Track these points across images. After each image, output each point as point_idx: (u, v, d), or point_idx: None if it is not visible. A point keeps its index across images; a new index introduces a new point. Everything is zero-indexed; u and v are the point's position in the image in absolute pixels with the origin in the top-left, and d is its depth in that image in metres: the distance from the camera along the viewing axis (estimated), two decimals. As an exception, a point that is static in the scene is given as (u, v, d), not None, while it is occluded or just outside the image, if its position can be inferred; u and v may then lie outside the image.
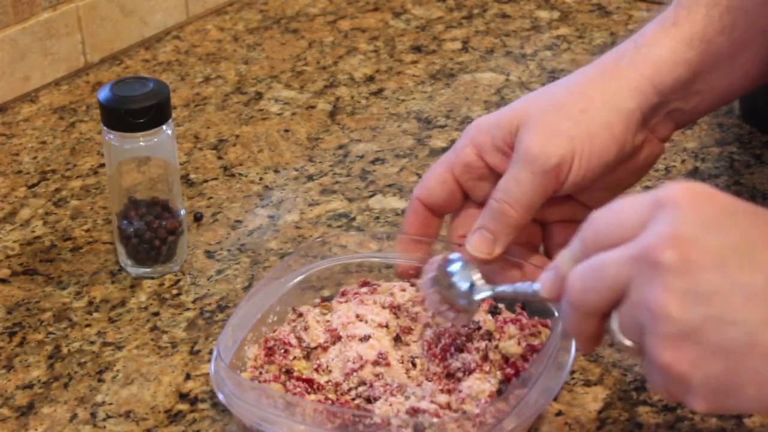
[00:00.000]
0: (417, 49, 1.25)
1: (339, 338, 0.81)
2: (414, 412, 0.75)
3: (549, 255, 0.85)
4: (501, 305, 0.82)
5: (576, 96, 0.80)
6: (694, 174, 1.04)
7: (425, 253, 0.84)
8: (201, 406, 0.83)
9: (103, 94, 0.91)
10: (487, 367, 0.77)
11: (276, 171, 1.07)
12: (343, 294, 0.85)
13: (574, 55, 1.22)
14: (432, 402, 0.75)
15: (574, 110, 0.79)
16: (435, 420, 0.72)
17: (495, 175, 0.82)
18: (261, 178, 1.07)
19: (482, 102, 1.15)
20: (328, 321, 0.82)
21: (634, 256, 0.61)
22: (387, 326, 0.81)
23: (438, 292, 0.77)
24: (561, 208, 0.84)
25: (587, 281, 0.64)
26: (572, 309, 0.65)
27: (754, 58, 0.82)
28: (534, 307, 0.82)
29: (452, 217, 0.86)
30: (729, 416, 0.80)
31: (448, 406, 0.75)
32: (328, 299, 0.85)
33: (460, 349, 0.79)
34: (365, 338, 0.80)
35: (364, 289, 0.85)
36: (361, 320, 0.81)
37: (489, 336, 0.79)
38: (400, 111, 1.15)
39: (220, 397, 0.76)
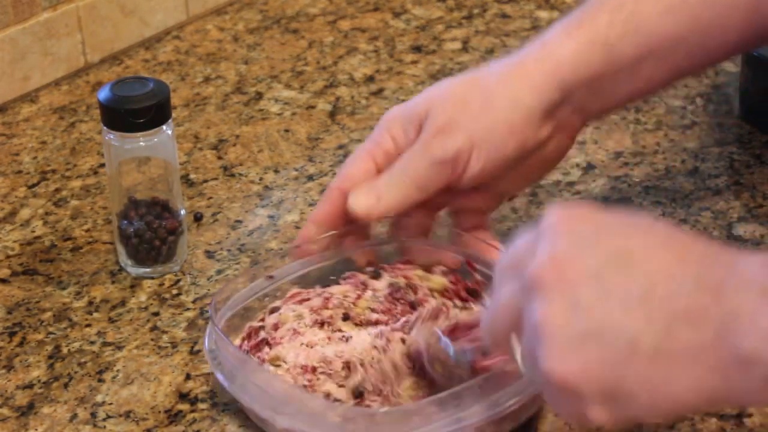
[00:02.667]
0: (417, 49, 1.25)
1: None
2: None
3: (457, 215, 0.90)
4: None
5: (479, 92, 0.83)
6: (694, 174, 1.04)
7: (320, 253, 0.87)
8: (201, 406, 0.83)
9: (103, 94, 0.91)
10: None
11: (276, 171, 1.07)
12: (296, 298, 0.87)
13: (574, 55, 1.22)
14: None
15: (476, 106, 0.83)
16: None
17: None
18: (261, 178, 1.07)
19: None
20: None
21: (521, 286, 0.64)
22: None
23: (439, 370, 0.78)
24: (469, 196, 0.87)
25: (489, 320, 0.68)
26: (491, 347, 0.70)
27: (658, 64, 0.85)
28: None
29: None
30: (729, 416, 0.80)
31: None
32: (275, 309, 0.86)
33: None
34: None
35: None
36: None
37: None
38: (400, 111, 1.15)
39: (220, 377, 0.79)
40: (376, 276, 0.87)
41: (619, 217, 0.64)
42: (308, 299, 0.85)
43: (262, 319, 0.85)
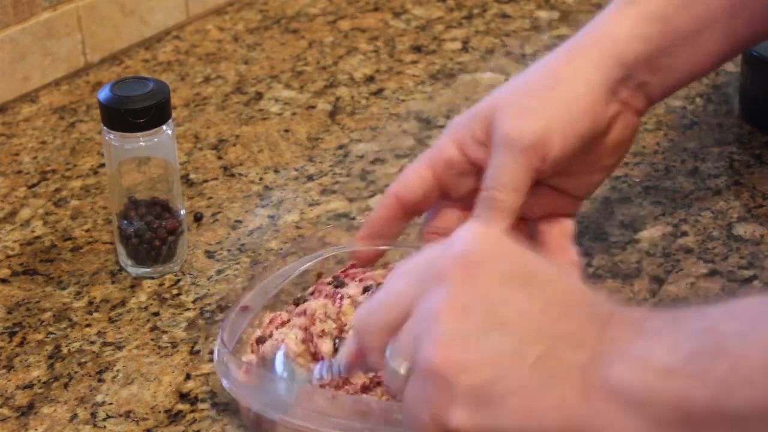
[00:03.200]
0: (417, 49, 1.25)
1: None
2: None
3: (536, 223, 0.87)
4: None
5: (543, 76, 0.83)
6: (693, 174, 1.04)
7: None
8: (201, 406, 0.83)
9: (103, 94, 0.91)
10: None
11: (276, 171, 1.07)
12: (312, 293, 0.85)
13: (574, 55, 1.22)
14: None
15: (543, 89, 0.82)
16: None
17: (477, 170, 0.83)
18: (261, 178, 1.07)
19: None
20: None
21: (420, 279, 0.64)
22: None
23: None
24: (544, 201, 0.85)
25: (369, 313, 0.66)
26: (357, 336, 0.68)
27: (716, 37, 0.84)
28: None
29: (429, 215, 0.87)
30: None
31: None
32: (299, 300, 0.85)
33: None
34: None
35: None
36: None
37: None
38: (400, 111, 1.15)
39: (225, 383, 0.77)
40: (339, 285, 0.84)
41: (519, 268, 0.65)
42: (288, 321, 0.83)
43: (253, 351, 0.83)
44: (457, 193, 0.84)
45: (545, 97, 0.82)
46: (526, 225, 0.87)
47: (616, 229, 0.98)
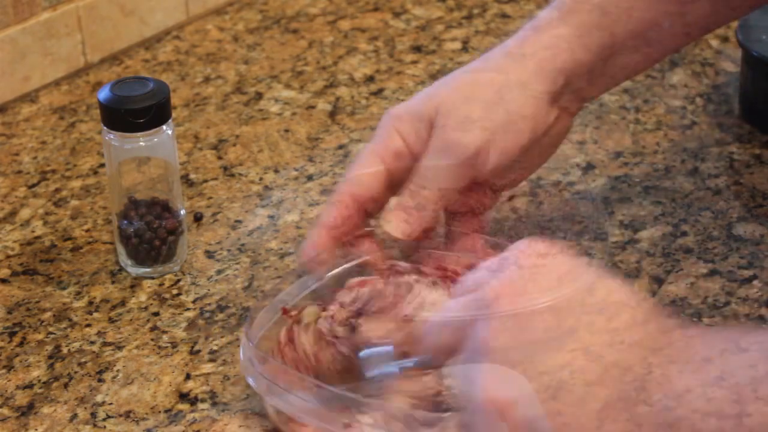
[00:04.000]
0: (417, 49, 1.25)
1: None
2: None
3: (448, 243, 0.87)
4: None
5: (486, 84, 0.83)
6: (693, 174, 1.04)
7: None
8: (201, 406, 0.83)
9: (103, 94, 0.91)
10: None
11: (276, 171, 1.07)
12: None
13: (574, 55, 1.22)
14: None
15: (487, 98, 0.82)
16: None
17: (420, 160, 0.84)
18: (261, 178, 1.07)
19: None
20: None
21: (475, 299, 0.65)
22: None
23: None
24: (468, 196, 0.86)
25: (437, 329, 0.68)
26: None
27: (661, 35, 0.85)
28: None
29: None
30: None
31: None
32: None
33: None
34: None
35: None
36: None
37: None
38: (400, 111, 1.15)
39: (250, 381, 0.78)
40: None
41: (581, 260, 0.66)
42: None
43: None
44: (400, 183, 0.84)
45: (488, 108, 0.82)
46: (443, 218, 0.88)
47: (616, 229, 0.98)
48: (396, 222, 0.82)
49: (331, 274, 0.85)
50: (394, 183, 0.85)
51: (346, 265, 0.86)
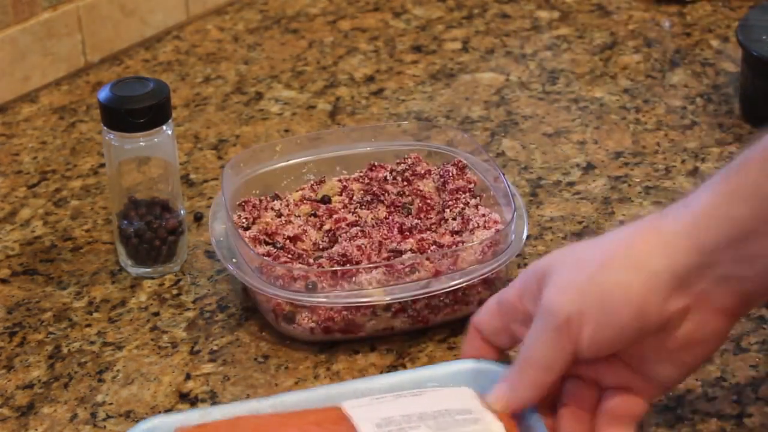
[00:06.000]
0: (417, 49, 1.25)
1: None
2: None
3: (599, 421, 0.76)
4: None
5: (600, 250, 0.73)
6: (694, 174, 1.04)
7: None
8: (201, 406, 0.83)
9: (103, 94, 0.91)
10: None
11: (276, 171, 1.07)
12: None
13: (574, 55, 1.22)
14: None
15: (592, 266, 0.72)
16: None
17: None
18: (261, 178, 1.07)
19: (482, 102, 1.15)
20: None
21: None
22: None
23: None
24: (613, 371, 0.75)
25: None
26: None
27: None
28: None
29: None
30: (729, 416, 0.80)
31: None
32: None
33: None
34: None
35: None
36: None
37: None
38: (400, 111, 1.15)
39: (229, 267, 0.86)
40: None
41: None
42: None
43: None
44: (522, 335, 0.76)
45: (590, 275, 0.72)
46: (595, 391, 0.76)
47: (616, 229, 0.97)
48: (497, 394, 0.75)
49: None
50: (518, 335, 0.78)
51: None
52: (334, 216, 0.93)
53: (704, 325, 0.71)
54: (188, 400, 0.84)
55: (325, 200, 0.95)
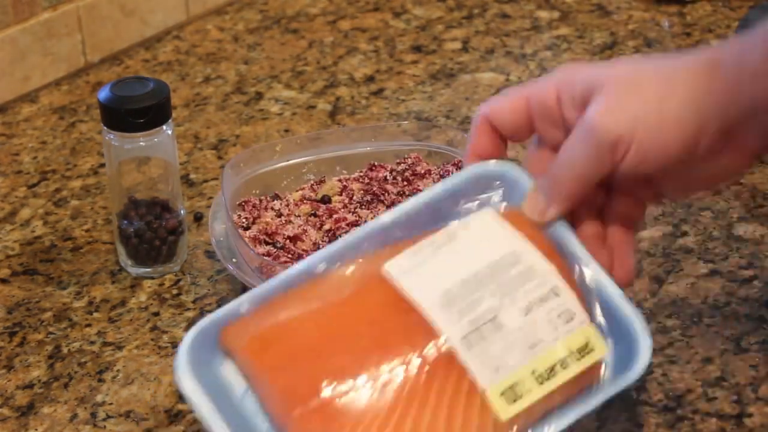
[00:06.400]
0: (417, 49, 1.25)
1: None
2: None
3: (605, 221, 0.80)
4: None
5: (660, 80, 0.75)
6: (694, 174, 1.04)
7: None
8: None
9: (103, 94, 0.91)
10: None
11: (276, 171, 1.07)
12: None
13: (574, 55, 1.22)
14: None
15: (652, 93, 0.75)
16: None
17: (567, 127, 0.78)
18: (261, 178, 1.07)
19: (482, 102, 1.15)
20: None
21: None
22: None
23: None
24: (629, 182, 0.78)
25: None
26: None
27: None
28: None
29: (524, 160, 0.81)
30: (729, 416, 0.80)
31: None
32: None
33: None
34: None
35: None
36: None
37: None
38: (400, 111, 1.15)
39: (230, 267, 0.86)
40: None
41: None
42: None
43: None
44: (546, 138, 0.79)
45: (649, 102, 0.74)
46: (605, 191, 0.80)
47: (616, 229, 0.98)
48: (532, 204, 0.77)
49: None
50: (535, 130, 0.80)
51: None
52: (334, 216, 0.93)
53: (732, 162, 0.76)
54: (188, 400, 0.84)
55: (325, 200, 0.95)
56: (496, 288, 0.72)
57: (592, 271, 0.75)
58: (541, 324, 0.71)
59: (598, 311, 0.74)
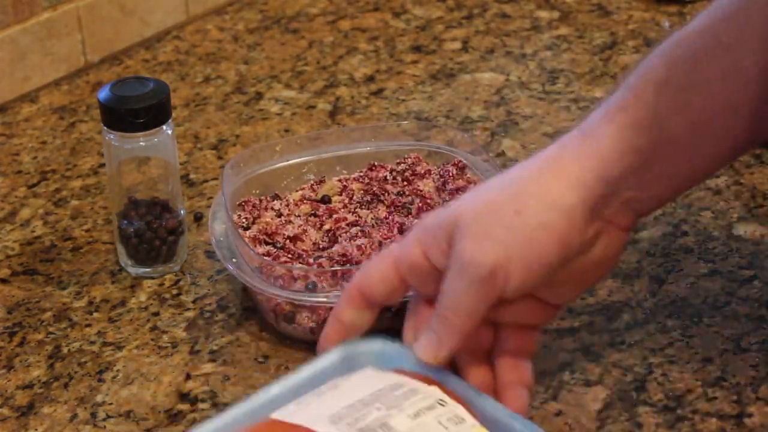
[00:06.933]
0: (417, 49, 1.25)
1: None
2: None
3: (494, 362, 0.80)
4: None
5: (510, 196, 0.75)
6: (694, 174, 1.04)
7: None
8: (201, 406, 0.83)
9: (103, 94, 0.91)
10: None
11: (276, 171, 1.07)
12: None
13: (574, 55, 1.22)
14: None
15: (508, 212, 0.74)
16: None
17: (442, 275, 0.76)
18: (261, 178, 1.07)
19: (482, 102, 1.15)
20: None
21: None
22: None
23: None
24: (515, 308, 0.77)
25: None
26: None
27: (715, 140, 0.74)
28: None
29: (405, 319, 0.80)
30: (729, 416, 0.80)
31: None
32: None
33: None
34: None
35: None
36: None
37: None
38: (400, 111, 1.15)
39: (229, 267, 0.87)
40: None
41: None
42: None
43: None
44: (426, 292, 0.78)
45: (509, 222, 0.74)
46: (492, 330, 0.79)
47: (616, 229, 0.98)
48: (425, 346, 0.76)
49: None
50: (414, 288, 0.79)
51: None
52: (334, 216, 0.93)
53: (610, 244, 0.76)
54: (188, 400, 0.84)
55: (325, 200, 0.95)
56: (381, 405, 0.71)
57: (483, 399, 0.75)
58: (432, 426, 0.70)
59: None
